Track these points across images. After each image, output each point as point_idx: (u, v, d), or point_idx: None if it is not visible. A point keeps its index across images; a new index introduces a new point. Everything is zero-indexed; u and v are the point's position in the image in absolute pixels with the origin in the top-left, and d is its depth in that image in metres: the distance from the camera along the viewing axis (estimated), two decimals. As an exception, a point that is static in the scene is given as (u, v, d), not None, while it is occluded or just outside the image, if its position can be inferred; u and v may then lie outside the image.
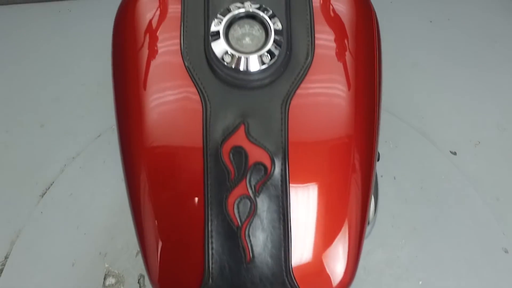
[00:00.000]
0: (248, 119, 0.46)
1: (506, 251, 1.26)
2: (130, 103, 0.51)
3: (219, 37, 0.46)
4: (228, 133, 0.46)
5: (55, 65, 1.77)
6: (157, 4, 0.54)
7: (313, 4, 0.52)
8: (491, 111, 1.61)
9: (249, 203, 0.46)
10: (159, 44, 0.51)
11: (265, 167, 0.45)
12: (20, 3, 2.00)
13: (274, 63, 0.46)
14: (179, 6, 0.51)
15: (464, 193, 1.38)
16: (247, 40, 0.46)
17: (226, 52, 0.45)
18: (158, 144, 0.48)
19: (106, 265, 1.26)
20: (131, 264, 1.27)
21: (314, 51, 0.49)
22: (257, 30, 0.47)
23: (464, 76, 1.72)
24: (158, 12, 0.53)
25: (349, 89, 0.49)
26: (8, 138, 1.54)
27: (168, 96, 0.49)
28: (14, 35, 1.88)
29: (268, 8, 0.48)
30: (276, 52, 0.46)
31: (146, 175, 0.48)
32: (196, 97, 0.47)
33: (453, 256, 1.26)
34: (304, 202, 0.47)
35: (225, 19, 0.46)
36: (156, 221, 0.47)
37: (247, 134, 0.46)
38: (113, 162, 1.42)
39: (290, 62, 0.48)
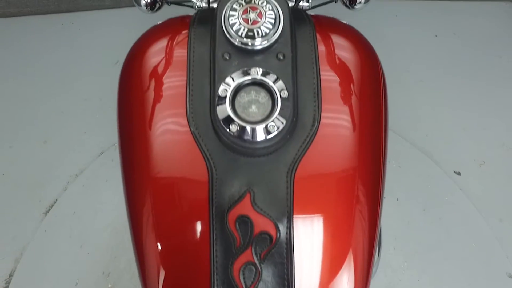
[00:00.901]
0: (253, 187, 0.46)
1: (510, 276, 1.26)
2: (135, 166, 0.51)
3: (225, 106, 0.45)
4: (234, 201, 0.46)
5: (58, 79, 1.77)
6: (163, 61, 0.53)
7: (320, 66, 0.51)
8: (496, 129, 1.60)
9: (254, 269, 0.46)
10: (165, 107, 0.50)
11: (270, 237, 0.46)
12: (22, 15, 2.00)
13: (280, 132, 0.45)
14: (185, 66, 0.51)
15: (467, 215, 1.38)
16: (254, 108, 0.46)
17: (233, 122, 0.45)
18: (165, 212, 0.48)
19: (109, 285, 1.27)
20: (133, 284, 1.27)
21: (320, 117, 0.48)
22: (263, 96, 0.46)
23: (469, 92, 1.71)
24: (164, 72, 0.52)
25: (355, 157, 0.49)
26: (12, 154, 1.55)
27: (175, 163, 0.49)
28: (17, 47, 1.88)
29: (274, 74, 0.47)
30: (282, 122, 0.45)
31: (153, 242, 0.48)
32: (202, 163, 0.47)
33: (455, 281, 1.25)
34: (308, 265, 0.48)
35: (231, 87, 0.46)
36: (163, 286, 0.48)
37: (253, 203, 0.46)
38: (115, 180, 1.43)
39: (296, 129, 0.47)
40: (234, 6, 0.49)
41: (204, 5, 0.83)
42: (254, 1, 0.49)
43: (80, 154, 1.52)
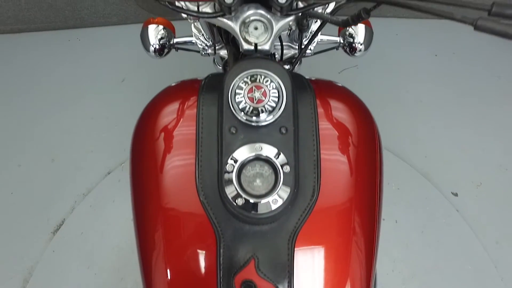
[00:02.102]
0: (258, 253, 0.50)
1: (504, 299, 1.30)
2: (147, 230, 0.55)
3: (231, 181, 0.50)
4: (240, 267, 0.50)
5: (65, 96, 1.80)
6: (174, 125, 0.57)
7: (320, 136, 0.55)
8: (493, 150, 1.63)
9: None
10: (175, 176, 0.54)
11: None
12: (30, 31, 2.03)
13: (282, 204, 0.49)
14: (194, 134, 0.55)
15: (463, 237, 1.41)
16: (258, 182, 0.50)
17: (239, 195, 0.49)
18: (177, 277, 0.53)
19: (116, 306, 1.31)
20: (139, 304, 1.31)
21: (320, 188, 0.52)
22: (267, 170, 0.51)
23: (467, 113, 1.74)
24: (175, 137, 0.56)
25: (352, 225, 0.53)
26: (20, 172, 1.59)
27: (185, 230, 0.53)
28: (25, 63, 1.92)
29: (276, 148, 0.51)
30: (285, 196, 0.49)
31: None
32: (211, 231, 0.51)
33: (452, 303, 1.29)
34: None
35: (237, 164, 0.50)
36: None
37: (257, 269, 0.50)
38: (122, 201, 1.47)
39: (297, 199, 0.51)
40: (240, 84, 0.52)
41: (210, 51, 0.87)
42: (259, 80, 0.52)
43: (88, 174, 1.56)
